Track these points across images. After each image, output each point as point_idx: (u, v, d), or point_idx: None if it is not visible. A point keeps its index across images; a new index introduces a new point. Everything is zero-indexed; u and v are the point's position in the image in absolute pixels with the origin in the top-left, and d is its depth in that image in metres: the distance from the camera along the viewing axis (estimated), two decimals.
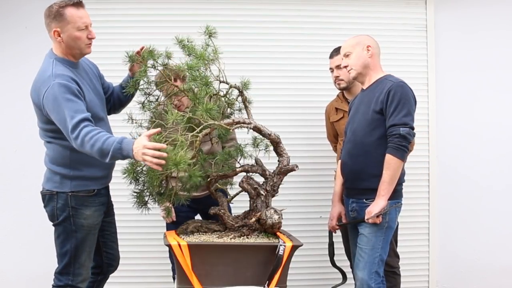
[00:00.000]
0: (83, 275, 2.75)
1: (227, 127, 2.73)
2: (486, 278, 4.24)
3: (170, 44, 2.85)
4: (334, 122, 3.60)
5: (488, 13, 4.26)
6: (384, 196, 2.79)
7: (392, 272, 3.30)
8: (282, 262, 2.65)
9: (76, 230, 2.70)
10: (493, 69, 4.25)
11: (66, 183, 2.69)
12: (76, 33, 2.61)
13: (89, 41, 2.67)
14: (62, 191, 2.69)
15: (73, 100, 2.51)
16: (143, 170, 2.78)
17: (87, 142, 2.44)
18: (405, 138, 2.76)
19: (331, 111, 3.64)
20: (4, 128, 4.00)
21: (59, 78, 2.55)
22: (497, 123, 4.26)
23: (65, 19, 2.59)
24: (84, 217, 2.71)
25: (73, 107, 2.49)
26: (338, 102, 3.61)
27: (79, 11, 2.62)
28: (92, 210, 2.73)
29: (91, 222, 2.73)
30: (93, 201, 2.74)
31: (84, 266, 2.75)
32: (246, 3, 4.13)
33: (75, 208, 2.68)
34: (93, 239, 2.78)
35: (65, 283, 2.73)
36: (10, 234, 4.00)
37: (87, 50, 2.69)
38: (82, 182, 2.70)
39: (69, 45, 2.64)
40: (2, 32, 4.01)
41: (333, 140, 3.73)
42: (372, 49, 2.96)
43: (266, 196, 2.87)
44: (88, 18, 2.65)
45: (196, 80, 2.71)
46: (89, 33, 2.66)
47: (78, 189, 2.69)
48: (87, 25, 2.64)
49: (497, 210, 4.24)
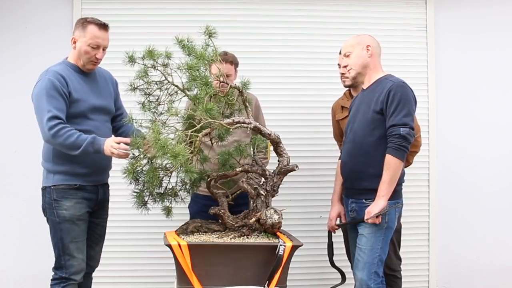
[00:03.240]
0: (74, 267, 2.86)
1: (227, 127, 2.73)
2: (486, 278, 4.24)
3: (170, 44, 2.85)
4: (339, 120, 3.56)
5: (488, 13, 4.26)
6: (384, 197, 2.79)
7: (393, 276, 3.29)
8: (282, 262, 2.65)
9: (59, 221, 2.85)
10: (493, 69, 4.26)
11: (50, 177, 2.89)
12: (86, 48, 2.87)
13: (95, 59, 2.89)
14: (48, 186, 2.88)
15: (56, 97, 2.75)
16: (143, 170, 2.78)
17: (61, 135, 2.69)
18: (405, 138, 2.76)
19: (337, 109, 3.60)
20: (4, 128, 4.00)
21: (50, 74, 2.81)
22: (497, 123, 4.26)
23: (84, 32, 2.87)
24: (64, 208, 2.84)
25: (54, 103, 2.74)
26: (345, 100, 3.55)
27: (99, 31, 2.88)
28: (73, 202, 2.85)
29: (73, 213, 2.85)
30: (75, 194, 2.86)
31: (74, 257, 2.86)
32: (246, 3, 4.13)
33: (56, 200, 2.85)
34: (79, 231, 2.88)
35: (59, 275, 2.87)
36: (10, 234, 4.00)
37: (89, 66, 2.93)
38: (64, 177, 2.86)
39: (78, 55, 2.90)
40: (2, 32, 4.01)
41: (339, 139, 3.66)
42: (372, 49, 2.96)
43: (266, 196, 2.87)
44: (104, 41, 2.90)
45: (196, 80, 2.71)
46: (98, 53, 2.89)
47: (59, 182, 2.86)
48: (99, 45, 2.88)
49: (497, 209, 4.24)
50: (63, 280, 2.86)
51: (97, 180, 2.97)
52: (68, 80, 2.82)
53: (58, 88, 2.76)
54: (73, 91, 2.82)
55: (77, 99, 2.83)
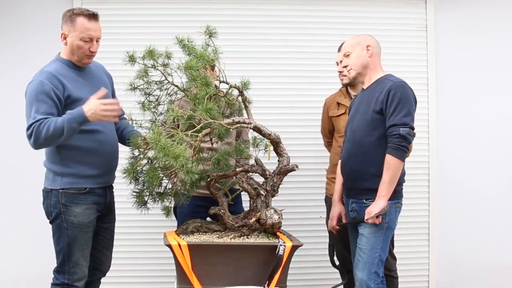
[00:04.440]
0: (78, 274, 2.78)
1: (227, 127, 2.73)
2: (486, 277, 4.24)
3: (170, 44, 2.85)
4: (333, 116, 3.53)
5: (488, 13, 4.26)
6: (384, 197, 2.79)
7: (390, 276, 3.29)
8: (282, 262, 2.65)
9: (67, 227, 2.74)
10: (493, 69, 4.26)
11: (57, 180, 2.75)
12: (78, 42, 2.72)
13: (90, 53, 2.76)
14: (55, 189, 2.75)
15: (44, 100, 2.61)
16: (143, 170, 2.78)
17: (41, 130, 2.55)
18: (405, 138, 2.76)
19: (332, 105, 3.56)
20: (4, 128, 4.00)
21: (43, 76, 2.67)
22: (497, 123, 4.26)
23: (74, 26, 2.71)
24: (74, 214, 2.73)
25: (40, 107, 2.60)
26: (341, 97, 3.52)
27: (89, 23, 2.72)
28: (82, 208, 2.75)
29: (82, 220, 2.75)
30: (84, 199, 2.76)
31: (78, 264, 2.77)
32: (246, 3, 4.13)
33: (65, 206, 2.73)
34: (86, 238, 2.79)
35: (61, 281, 2.78)
36: (10, 234, 4.00)
37: (85, 61, 2.79)
38: (73, 180, 2.74)
39: (71, 51, 2.76)
40: (2, 32, 4.01)
41: (327, 135, 3.65)
42: (372, 49, 2.96)
43: (266, 196, 2.87)
44: (96, 32, 2.75)
45: (196, 80, 2.71)
46: (92, 46, 2.75)
47: (68, 186, 2.74)
48: (91, 38, 2.74)
49: (497, 209, 4.24)
50: (64, 286, 2.77)
51: (107, 181, 2.88)
52: (65, 82, 2.69)
53: (49, 91, 2.62)
54: (73, 92, 2.70)
55: (78, 98, 2.70)
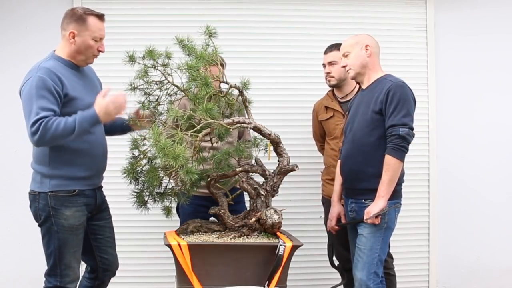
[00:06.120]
0: (70, 276, 2.74)
1: (227, 127, 2.73)
2: (486, 278, 4.24)
3: (170, 44, 2.85)
4: (322, 120, 3.56)
5: (488, 14, 4.26)
6: (383, 197, 2.79)
7: (387, 274, 3.29)
8: (282, 262, 2.65)
9: (58, 230, 2.69)
10: (493, 69, 4.25)
11: (46, 183, 2.69)
12: (90, 42, 2.72)
13: (97, 53, 2.78)
14: (43, 191, 2.69)
15: (45, 97, 2.56)
16: (143, 170, 2.78)
17: (49, 128, 2.50)
18: (404, 138, 2.76)
19: (320, 109, 3.59)
20: (4, 128, 4.00)
21: (41, 71, 2.61)
22: (497, 124, 4.26)
23: (86, 25, 2.70)
24: (64, 217, 2.68)
25: (42, 104, 2.54)
26: (328, 100, 3.56)
27: (100, 23, 2.75)
28: (72, 211, 2.70)
29: (72, 222, 2.70)
30: (74, 201, 2.71)
31: (70, 267, 2.73)
32: (246, 3, 4.13)
33: (55, 208, 2.67)
34: (77, 240, 2.74)
35: (53, 284, 2.74)
36: (10, 234, 4.00)
37: (91, 61, 2.81)
38: (62, 182, 2.69)
39: (79, 50, 2.73)
40: (2, 32, 4.01)
41: (319, 139, 3.69)
42: (371, 49, 2.96)
43: (266, 196, 2.87)
44: (104, 32, 2.77)
45: (196, 80, 2.71)
46: (101, 46, 2.77)
47: (57, 188, 2.68)
48: (102, 38, 2.76)
49: (497, 209, 4.24)
50: None
51: (96, 183, 2.85)
52: (63, 79, 2.64)
53: (50, 87, 2.57)
54: (70, 90, 2.65)
55: (74, 97, 2.67)
